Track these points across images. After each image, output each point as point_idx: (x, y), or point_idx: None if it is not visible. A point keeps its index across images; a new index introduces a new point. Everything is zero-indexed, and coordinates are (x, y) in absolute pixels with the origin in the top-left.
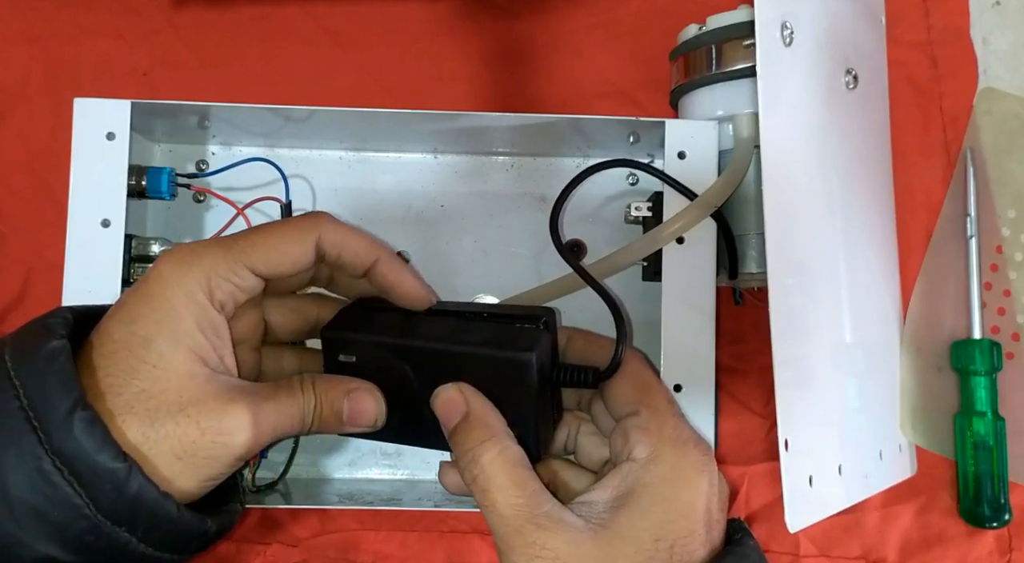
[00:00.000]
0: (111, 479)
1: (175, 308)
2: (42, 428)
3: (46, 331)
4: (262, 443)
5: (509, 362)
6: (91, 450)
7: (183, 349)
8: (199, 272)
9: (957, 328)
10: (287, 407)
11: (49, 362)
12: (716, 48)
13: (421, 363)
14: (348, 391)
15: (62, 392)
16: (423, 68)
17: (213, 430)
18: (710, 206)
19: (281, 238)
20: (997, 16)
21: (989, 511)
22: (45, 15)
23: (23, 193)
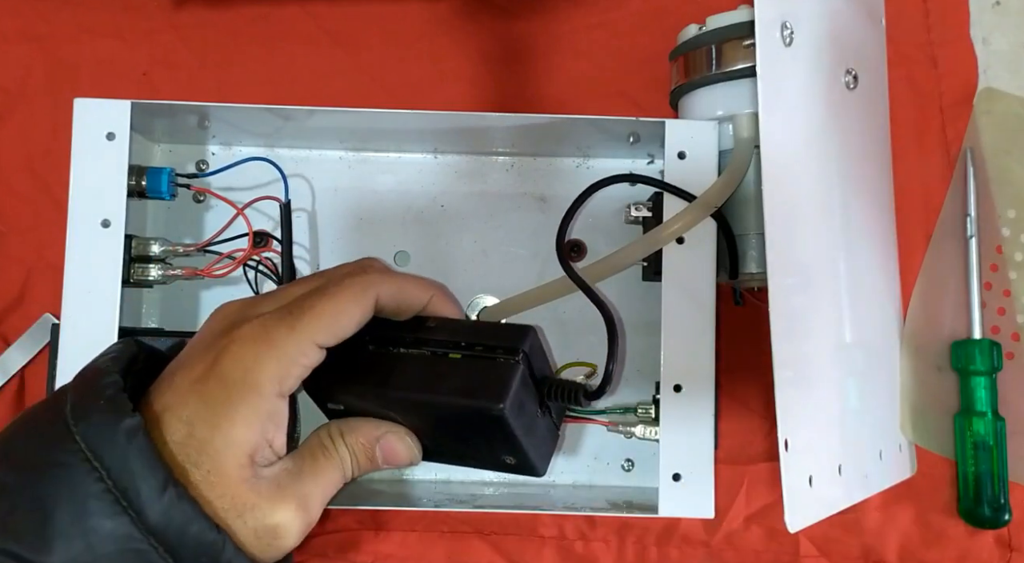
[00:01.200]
0: (208, 551)
1: (234, 414)
2: (133, 507)
3: (115, 406)
4: (314, 523)
5: (482, 411)
6: (185, 523)
7: (234, 454)
8: (269, 363)
9: (957, 328)
10: (330, 475)
11: (129, 441)
12: (716, 48)
13: (404, 412)
14: (378, 438)
15: (148, 471)
16: (423, 68)
17: (267, 533)
18: (710, 206)
19: (344, 305)
20: (997, 16)
21: (989, 511)
22: (45, 15)
23: (23, 193)
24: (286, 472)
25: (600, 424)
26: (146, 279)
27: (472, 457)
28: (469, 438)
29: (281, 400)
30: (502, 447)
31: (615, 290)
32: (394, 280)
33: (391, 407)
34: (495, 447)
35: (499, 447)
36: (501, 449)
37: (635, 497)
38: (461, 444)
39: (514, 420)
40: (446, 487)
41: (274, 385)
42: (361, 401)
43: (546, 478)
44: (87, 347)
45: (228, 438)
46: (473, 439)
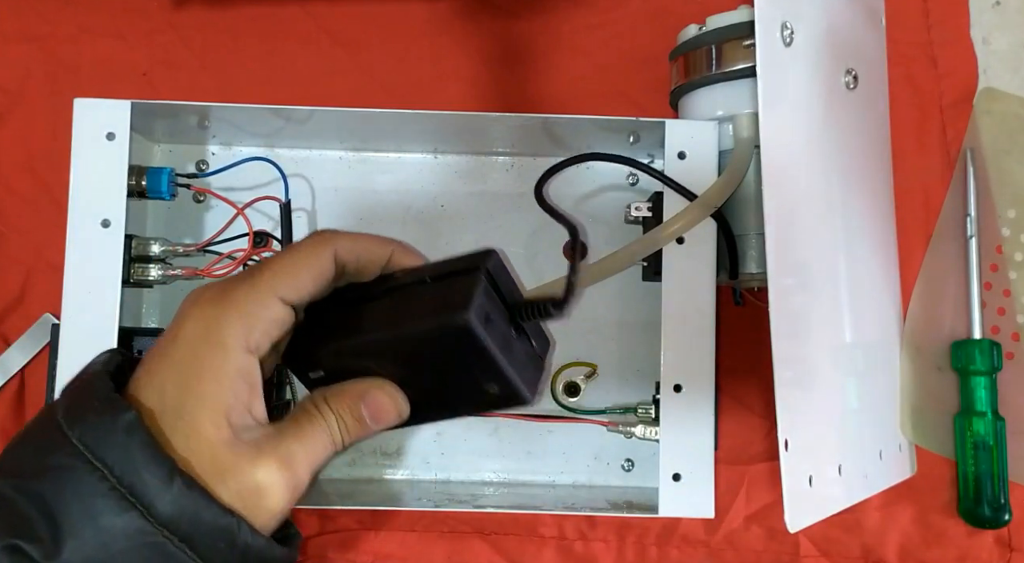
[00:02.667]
0: (224, 536)
1: (201, 370)
2: (142, 502)
3: (109, 405)
4: (303, 485)
5: (449, 329)
6: (198, 512)
7: (209, 413)
8: (231, 318)
9: (957, 328)
10: (316, 439)
11: (129, 436)
12: (716, 48)
13: (379, 357)
14: (362, 396)
15: (152, 464)
16: (423, 68)
17: (251, 495)
18: (710, 206)
19: (302, 258)
20: (997, 16)
21: (989, 511)
22: (45, 15)
23: (23, 193)
24: (267, 436)
25: (600, 424)
26: (146, 279)
27: (457, 400)
28: (448, 374)
29: (249, 356)
30: (482, 373)
31: (615, 290)
32: (351, 235)
33: (365, 357)
34: (475, 376)
35: (479, 374)
36: (482, 376)
37: (635, 497)
38: (443, 385)
39: (483, 332)
40: (446, 487)
41: (239, 340)
42: (336, 359)
43: (546, 478)
44: (87, 347)
45: (199, 397)
46: (453, 375)
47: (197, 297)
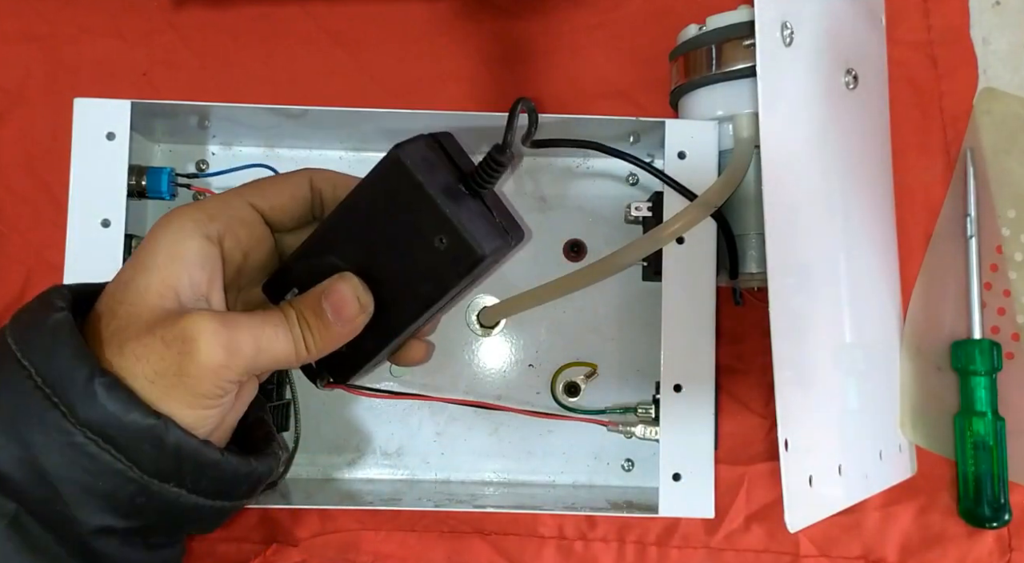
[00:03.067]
0: (149, 437)
1: (156, 244)
2: (64, 402)
3: (45, 306)
4: (245, 359)
5: (387, 172)
6: (120, 413)
7: (156, 282)
8: (194, 210)
9: (957, 328)
10: (268, 325)
11: (55, 335)
12: (716, 48)
13: (337, 243)
14: (322, 291)
15: (75, 363)
16: (423, 68)
17: (177, 339)
18: (710, 206)
19: (277, 177)
20: (997, 16)
21: (989, 511)
22: (45, 15)
23: (23, 193)
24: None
25: (600, 424)
26: None
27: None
28: (401, 243)
29: (207, 242)
30: (428, 226)
31: (615, 290)
32: (327, 171)
33: (326, 251)
34: (424, 233)
35: (426, 228)
36: (429, 231)
37: (635, 497)
38: (401, 260)
39: (416, 167)
40: (446, 487)
41: (198, 225)
42: (305, 267)
43: (546, 478)
44: None
45: (149, 272)
46: (405, 242)
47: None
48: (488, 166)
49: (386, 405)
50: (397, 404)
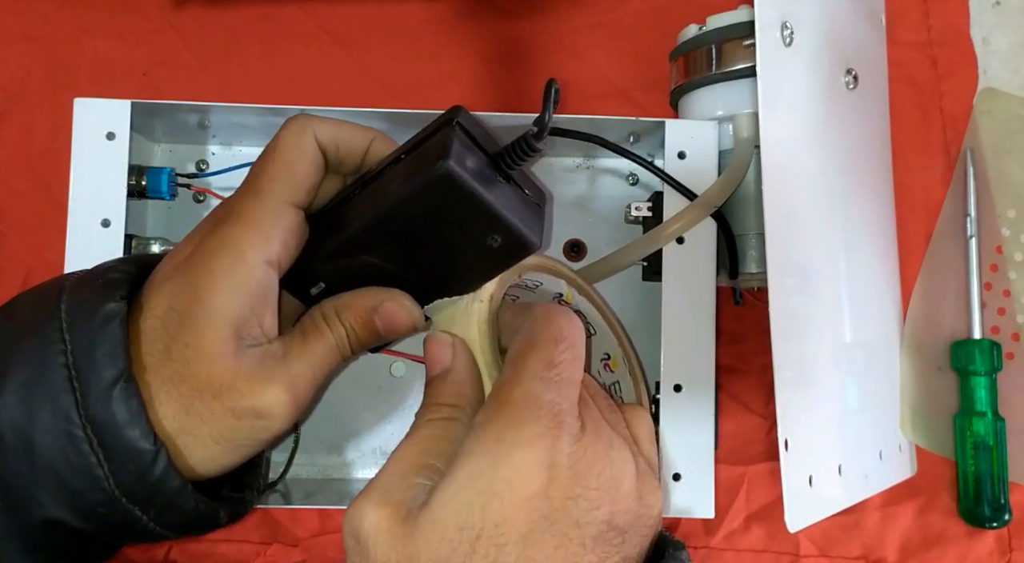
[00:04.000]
0: (137, 460)
1: (214, 281)
2: (81, 391)
3: (107, 289)
4: (306, 404)
5: (433, 183)
6: (124, 425)
7: (215, 326)
8: (251, 232)
9: (957, 328)
10: (321, 354)
11: (103, 325)
12: (716, 48)
13: (374, 245)
14: (375, 308)
15: (109, 360)
16: (423, 68)
17: (249, 415)
18: (710, 206)
19: (290, 153)
20: (997, 16)
21: (989, 511)
22: (45, 15)
23: (23, 193)
24: (271, 354)
25: None
26: None
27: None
28: (448, 243)
29: (269, 269)
30: (480, 228)
31: (615, 290)
32: (326, 120)
33: (361, 251)
34: (474, 235)
35: (478, 231)
36: (481, 232)
37: None
38: (446, 260)
39: (467, 175)
40: None
41: (258, 252)
42: (334, 265)
43: None
44: None
45: (210, 308)
46: (452, 242)
47: (209, 216)
48: (522, 150)
49: (386, 405)
50: (397, 404)
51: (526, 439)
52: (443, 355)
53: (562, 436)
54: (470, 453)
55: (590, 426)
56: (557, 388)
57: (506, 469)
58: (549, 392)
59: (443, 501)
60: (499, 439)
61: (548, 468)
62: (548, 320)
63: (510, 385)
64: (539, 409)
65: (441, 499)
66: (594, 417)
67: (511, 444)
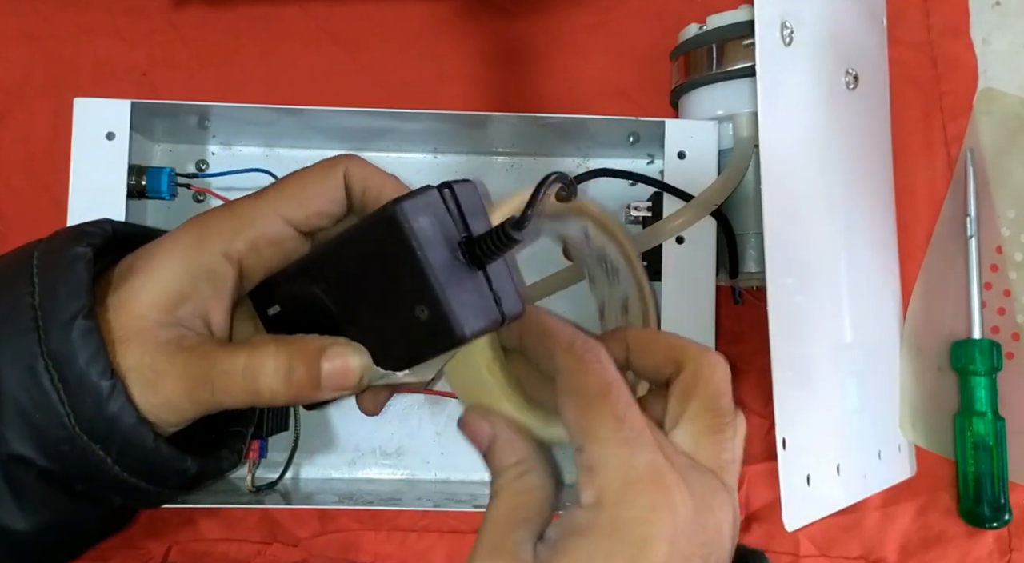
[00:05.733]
0: (93, 394)
1: (167, 254)
2: (44, 327)
3: (78, 236)
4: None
5: (379, 225)
6: (82, 360)
7: (151, 291)
8: (222, 221)
9: (957, 328)
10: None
11: (69, 266)
12: (716, 47)
13: (321, 277)
14: (323, 348)
15: (72, 297)
16: (423, 68)
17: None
18: (709, 205)
19: (311, 177)
20: (997, 16)
21: (989, 511)
22: (45, 15)
23: (23, 193)
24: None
25: None
26: None
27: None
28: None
29: (225, 260)
30: (412, 292)
31: None
32: (365, 164)
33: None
34: (406, 298)
35: (410, 294)
36: (412, 297)
37: None
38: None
39: (414, 232)
40: (446, 487)
41: (220, 239)
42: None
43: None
44: None
45: (152, 272)
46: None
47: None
48: (498, 239)
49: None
50: (396, 404)
51: (642, 515)
52: (481, 431)
53: (672, 495)
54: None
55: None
56: (639, 444)
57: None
58: (643, 452)
59: None
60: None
61: (668, 528)
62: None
63: (602, 460)
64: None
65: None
66: (682, 465)
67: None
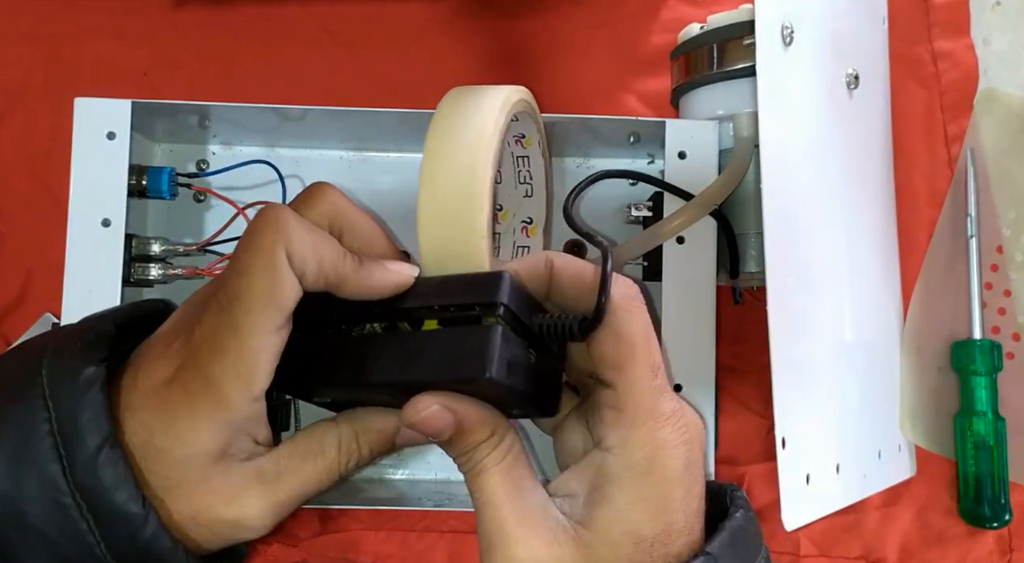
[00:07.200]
0: (126, 523)
1: (197, 425)
2: (68, 458)
3: (86, 352)
4: (286, 515)
5: (471, 382)
6: (112, 489)
7: (200, 458)
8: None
9: (957, 328)
10: (317, 475)
11: (85, 391)
12: (717, 47)
13: (389, 394)
14: (397, 429)
15: (93, 426)
16: (423, 68)
17: (226, 529)
18: (709, 205)
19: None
20: (997, 16)
21: (989, 511)
22: (45, 15)
23: (23, 193)
24: (260, 474)
25: None
26: (147, 278)
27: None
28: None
29: (255, 402)
30: (506, 404)
31: None
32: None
33: (375, 394)
34: (498, 407)
35: (502, 406)
36: (505, 407)
37: None
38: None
39: (506, 380)
40: (446, 487)
41: (243, 394)
42: (345, 395)
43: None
44: None
45: (190, 447)
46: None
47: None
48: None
49: None
50: None
51: (672, 454)
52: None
53: (689, 433)
54: (624, 478)
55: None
56: (667, 388)
57: (665, 486)
58: (667, 397)
59: (611, 521)
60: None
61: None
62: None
63: (633, 403)
64: (668, 420)
65: (609, 518)
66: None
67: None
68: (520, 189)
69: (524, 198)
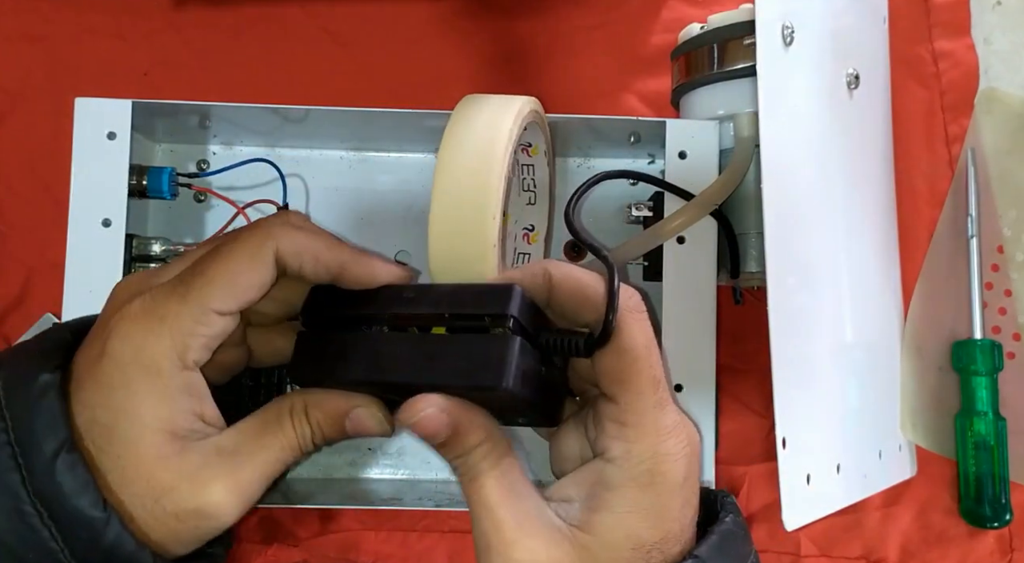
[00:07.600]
0: (87, 527)
1: (134, 393)
2: (26, 466)
3: (42, 359)
4: (255, 500)
5: (486, 389)
6: (71, 494)
7: (147, 438)
8: (162, 340)
9: (958, 328)
10: (278, 451)
11: (40, 398)
12: (718, 47)
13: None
14: (346, 412)
15: (49, 432)
16: (423, 68)
17: (193, 517)
18: (710, 204)
19: (238, 266)
20: (998, 16)
21: (990, 511)
22: (45, 15)
23: (23, 193)
24: (219, 449)
25: None
26: None
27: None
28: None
29: (189, 372)
30: (512, 413)
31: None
32: (296, 235)
33: (382, 392)
34: (504, 414)
35: (508, 414)
36: (511, 415)
37: None
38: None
39: (520, 390)
40: (446, 487)
41: (174, 361)
42: (353, 390)
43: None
44: None
45: (134, 421)
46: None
47: (123, 310)
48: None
49: None
50: None
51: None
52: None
53: (688, 445)
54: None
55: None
56: (669, 400)
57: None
58: (669, 409)
59: (610, 527)
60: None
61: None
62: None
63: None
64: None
65: (608, 524)
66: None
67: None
68: (524, 196)
69: (527, 205)
